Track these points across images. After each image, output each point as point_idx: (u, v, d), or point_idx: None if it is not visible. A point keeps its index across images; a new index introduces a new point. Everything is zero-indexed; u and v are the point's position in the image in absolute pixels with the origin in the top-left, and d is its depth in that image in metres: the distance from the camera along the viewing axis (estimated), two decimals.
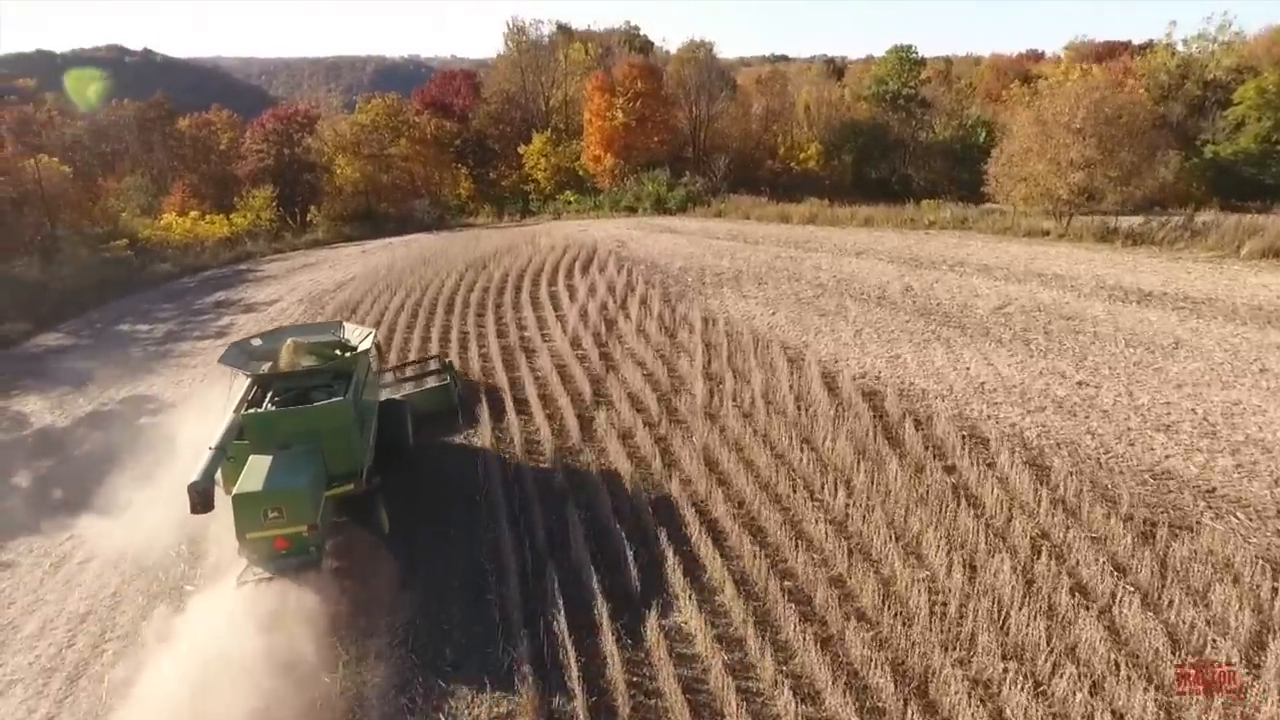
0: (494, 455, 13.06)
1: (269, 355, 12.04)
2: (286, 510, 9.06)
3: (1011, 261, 22.16)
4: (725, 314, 19.13)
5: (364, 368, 11.73)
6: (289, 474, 9.39)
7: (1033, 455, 11.66)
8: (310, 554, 9.25)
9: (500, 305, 21.63)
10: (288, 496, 9.10)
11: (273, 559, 9.13)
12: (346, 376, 11.21)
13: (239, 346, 12.46)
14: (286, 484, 9.22)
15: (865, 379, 14.78)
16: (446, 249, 30.50)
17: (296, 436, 9.94)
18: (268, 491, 9.07)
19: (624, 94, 45.62)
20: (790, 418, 13.40)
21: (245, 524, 9.04)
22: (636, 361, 16.43)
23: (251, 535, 9.06)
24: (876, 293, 19.98)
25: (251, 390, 11.00)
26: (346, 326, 13.33)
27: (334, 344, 12.57)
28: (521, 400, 15.14)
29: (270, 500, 9.03)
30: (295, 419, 10.14)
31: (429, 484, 12.48)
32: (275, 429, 9.99)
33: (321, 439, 10.02)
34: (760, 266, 23.81)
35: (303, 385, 11.17)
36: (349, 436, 10.26)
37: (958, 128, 55.01)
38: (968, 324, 17.18)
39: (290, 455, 9.71)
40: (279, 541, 9.10)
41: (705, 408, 14.09)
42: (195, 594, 10.15)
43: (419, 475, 12.65)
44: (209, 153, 49.82)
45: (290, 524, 9.08)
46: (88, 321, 26.68)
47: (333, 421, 10.11)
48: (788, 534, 10.32)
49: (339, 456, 10.16)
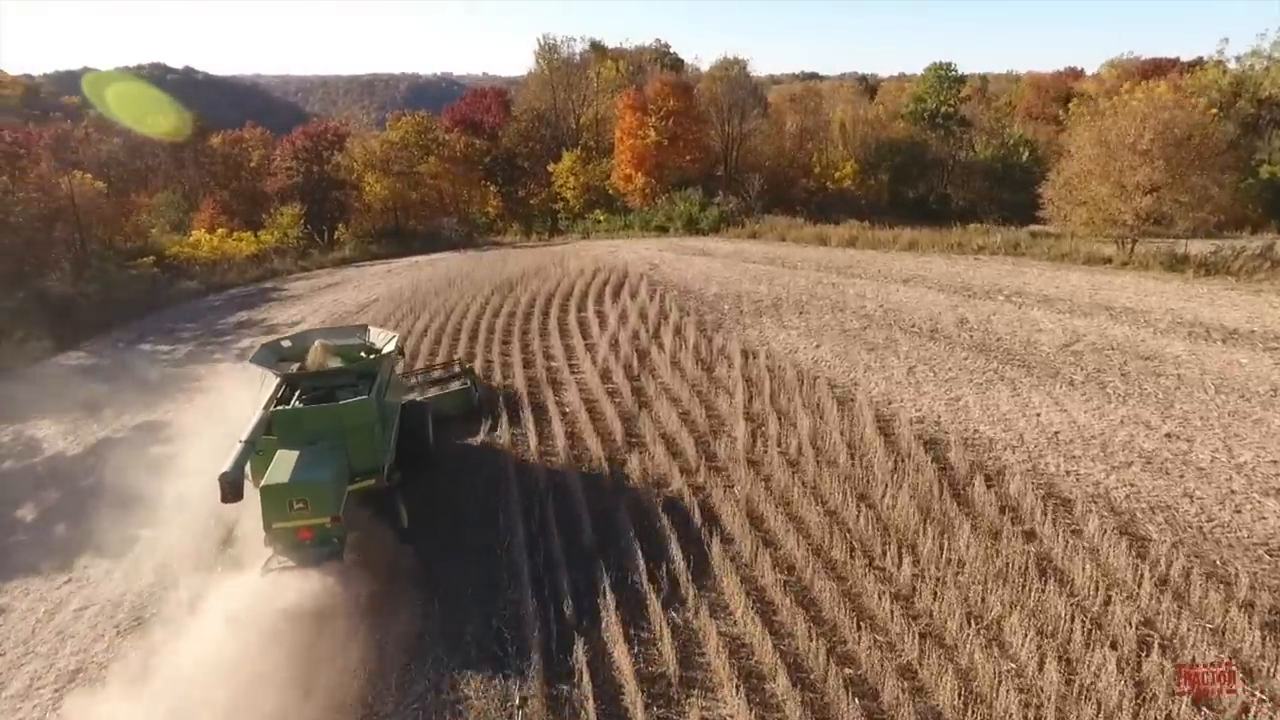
0: (518, 502, 11.98)
1: (297, 356, 12.61)
2: (311, 502, 9.45)
3: (1074, 292, 20.65)
4: (766, 347, 17.92)
5: (387, 369, 12.24)
6: (314, 468, 9.81)
7: (1124, 522, 10.28)
8: (333, 545, 9.63)
9: (527, 332, 20.66)
10: (312, 489, 9.51)
11: (297, 549, 9.51)
12: (370, 377, 11.67)
13: (269, 348, 12.99)
14: (311, 477, 9.63)
15: (924, 424, 13.47)
16: (473, 270, 29.72)
17: (321, 432, 10.40)
18: (294, 483, 9.49)
19: (656, 112, 44.83)
20: (842, 468, 12.15)
21: (272, 514, 9.45)
22: (671, 398, 15.30)
23: (278, 525, 9.46)
24: (928, 325, 18.63)
25: (280, 389, 11.41)
26: (371, 330, 13.78)
27: (359, 346, 13.12)
28: (548, 439, 14.06)
29: (296, 492, 9.44)
30: (320, 416, 10.64)
31: (445, 519, 11.50)
32: (301, 425, 10.48)
33: (345, 435, 10.47)
34: (800, 294, 22.57)
35: (329, 385, 11.63)
36: (371, 434, 10.77)
37: (999, 146, 53.43)
38: (1033, 363, 15.77)
39: (315, 450, 10.11)
40: (303, 532, 9.51)
41: (747, 453, 12.90)
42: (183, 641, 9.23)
43: (433, 513, 11.64)
44: (239, 169, 49.98)
45: (314, 515, 9.48)
46: (110, 340, 26.29)
47: (356, 419, 10.59)
48: (846, 610, 9.07)
49: (362, 452, 10.63)
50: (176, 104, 52.27)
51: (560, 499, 11.96)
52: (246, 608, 8.94)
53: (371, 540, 10.66)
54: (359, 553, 10.13)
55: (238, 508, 9.74)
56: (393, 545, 10.79)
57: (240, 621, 8.77)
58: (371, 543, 10.61)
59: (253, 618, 8.79)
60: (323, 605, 9.10)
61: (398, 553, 10.70)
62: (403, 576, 10.29)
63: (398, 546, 10.78)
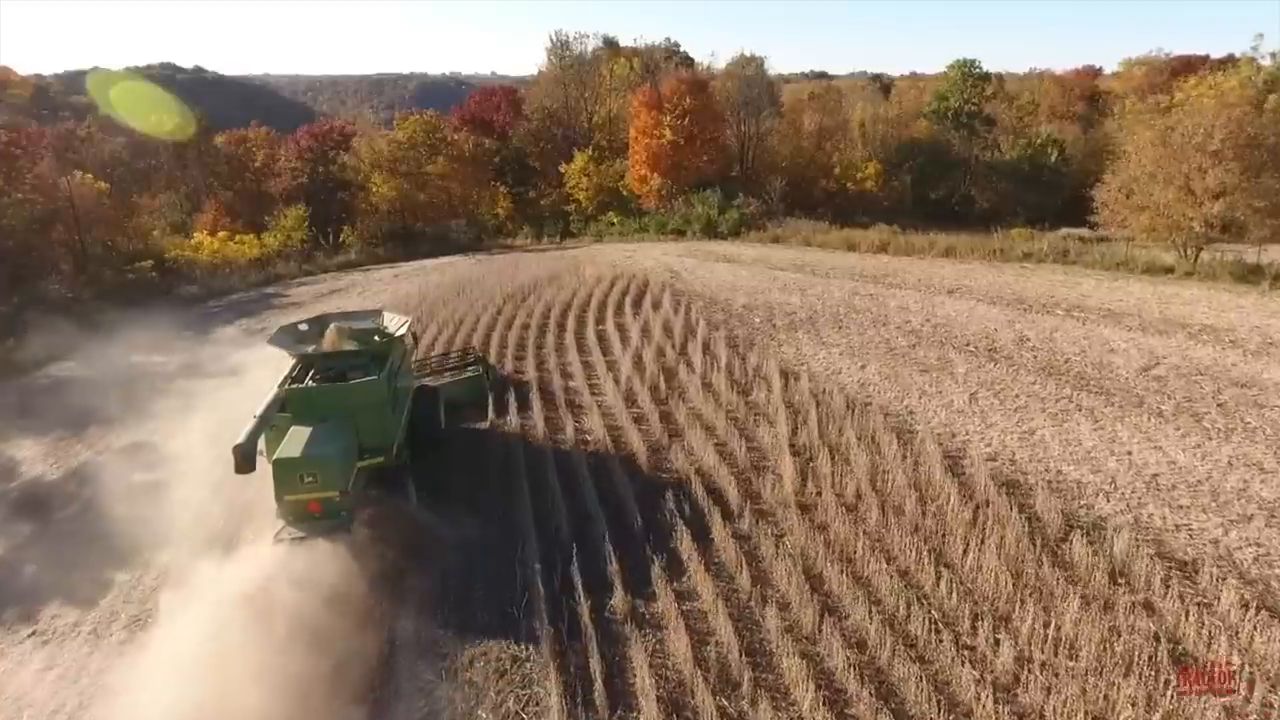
0: (535, 550, 10.43)
1: (314, 339, 12.94)
2: (321, 475, 9.79)
3: (1140, 306, 18.91)
4: (805, 366, 16.31)
5: (399, 352, 12.58)
6: (324, 443, 10.16)
7: (1259, 593, 8.64)
8: (341, 518, 9.93)
9: (542, 348, 19.09)
10: (322, 463, 9.87)
11: (307, 521, 9.85)
12: (383, 359, 12.00)
13: (286, 331, 13.36)
14: (322, 452, 9.99)
15: (997, 462, 11.84)
16: (483, 277, 28.18)
17: (333, 411, 10.73)
18: (304, 458, 9.85)
19: (672, 110, 43.21)
20: (910, 517, 10.55)
21: (284, 486, 9.78)
22: (705, 426, 13.72)
23: (289, 497, 9.80)
24: (985, 343, 16.96)
25: (296, 369, 11.80)
26: (385, 315, 14.03)
27: (373, 330, 13.42)
28: (570, 472, 12.49)
29: (306, 466, 9.79)
30: (332, 394, 11.05)
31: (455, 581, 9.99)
32: (314, 403, 10.87)
33: (355, 414, 10.83)
34: (837, 305, 20.93)
35: (342, 366, 11.99)
36: (381, 413, 11.15)
37: (1025, 146, 51.55)
38: (1111, 389, 14.09)
39: (327, 427, 10.45)
40: (312, 505, 9.83)
41: (797, 496, 11.32)
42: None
43: (443, 576, 10.12)
44: (244, 170, 48.68)
45: (323, 488, 9.80)
46: (103, 349, 25.06)
47: (366, 398, 10.97)
48: (936, 704, 7.49)
49: (371, 431, 10.97)
50: (181, 103, 50.91)
51: (585, 545, 10.39)
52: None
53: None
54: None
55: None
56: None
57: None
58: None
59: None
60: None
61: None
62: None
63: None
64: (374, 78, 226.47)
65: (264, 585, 9.19)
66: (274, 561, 9.62)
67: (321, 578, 9.41)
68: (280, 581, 9.23)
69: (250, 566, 9.71)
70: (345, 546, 9.85)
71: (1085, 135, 54.77)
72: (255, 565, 9.69)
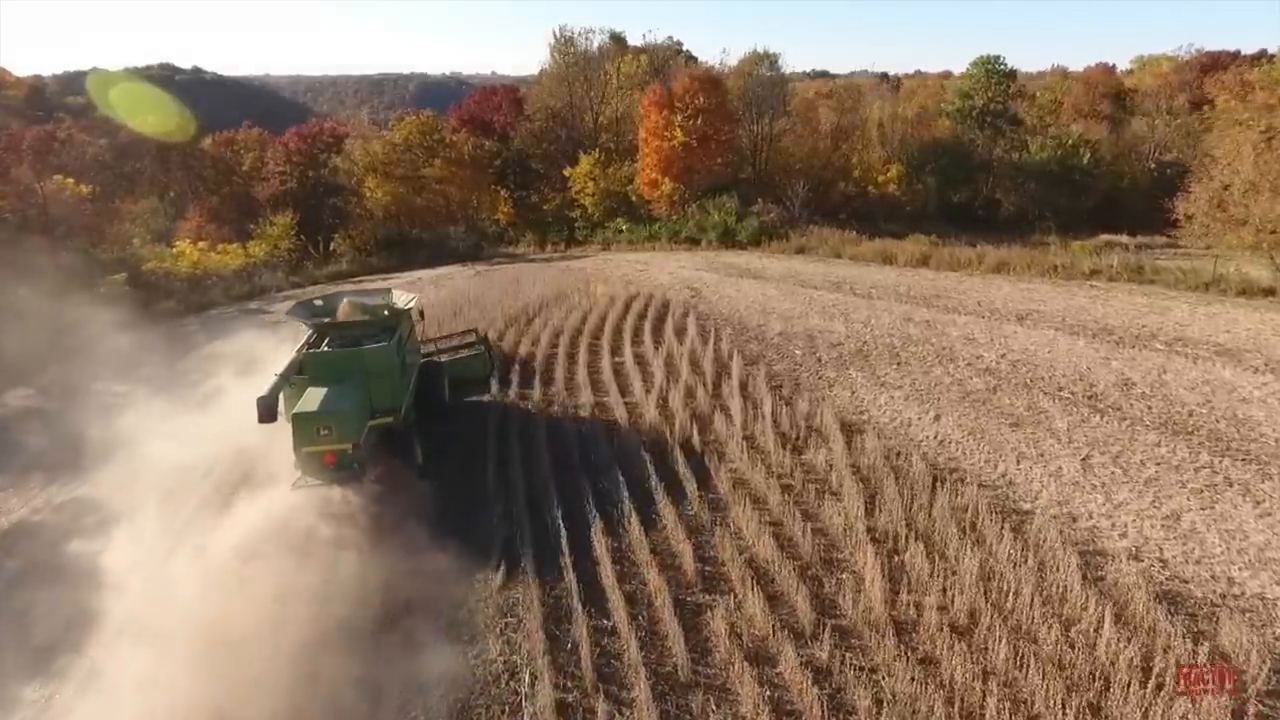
0: (549, 679, 7.78)
1: (328, 312, 14.06)
2: (335, 428, 10.70)
3: (1256, 340, 16.10)
4: (867, 416, 13.63)
5: (406, 324, 13.88)
6: (339, 400, 11.07)
7: None
8: (354, 469, 10.88)
9: (550, 384, 16.38)
10: (337, 417, 10.77)
11: (323, 470, 10.79)
12: (391, 329, 13.10)
13: (303, 305, 14.98)
14: (336, 407, 10.92)
15: (1143, 563, 9.16)
16: (482, 294, 25.49)
17: (346, 373, 11.76)
18: (321, 412, 10.76)
19: (684, 110, 40.48)
20: (1049, 650, 7.89)
21: (302, 438, 10.69)
22: (754, 499, 11.07)
23: (306, 449, 10.70)
24: (1080, 387, 14.22)
25: (312, 337, 12.87)
26: (394, 291, 15.27)
27: (383, 305, 14.47)
28: (589, 575, 9.82)
29: (322, 419, 10.70)
30: (345, 358, 12.09)
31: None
32: (329, 366, 11.92)
33: (367, 377, 11.88)
34: (889, 334, 18.21)
35: (355, 335, 12.97)
36: (391, 377, 12.24)
37: (1055, 147, 48.74)
38: (1261, 455, 11.36)
39: (341, 387, 11.38)
40: (328, 457, 10.71)
41: (890, 612, 8.66)
42: None
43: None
44: (231, 174, 46.03)
45: (338, 441, 10.69)
46: (64, 376, 22.51)
47: (377, 363, 12.09)
48: None
49: (382, 393, 12.06)
50: (176, 103, 48.44)
51: (612, 677, 7.73)
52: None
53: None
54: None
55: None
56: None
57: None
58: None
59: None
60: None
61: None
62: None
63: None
64: (374, 78, 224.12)
65: None
66: None
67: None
68: None
69: None
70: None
71: (1114, 135, 52.21)
72: None
